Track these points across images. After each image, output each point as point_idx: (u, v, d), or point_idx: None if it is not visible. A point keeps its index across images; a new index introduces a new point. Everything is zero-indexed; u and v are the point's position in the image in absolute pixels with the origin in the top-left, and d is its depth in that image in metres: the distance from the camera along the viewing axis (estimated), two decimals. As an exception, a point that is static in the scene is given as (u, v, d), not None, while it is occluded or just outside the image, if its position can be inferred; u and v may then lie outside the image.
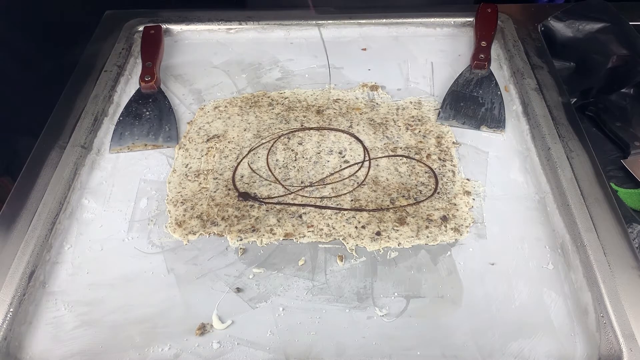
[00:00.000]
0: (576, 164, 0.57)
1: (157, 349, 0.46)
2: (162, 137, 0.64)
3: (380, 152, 0.62)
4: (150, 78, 0.68)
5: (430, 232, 0.54)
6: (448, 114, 0.66)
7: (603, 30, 0.71)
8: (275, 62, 0.76)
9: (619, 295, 0.46)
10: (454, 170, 0.60)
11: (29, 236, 0.52)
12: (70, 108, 0.66)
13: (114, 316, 0.49)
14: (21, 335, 0.47)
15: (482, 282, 0.50)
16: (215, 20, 0.80)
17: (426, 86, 0.71)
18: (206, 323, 0.48)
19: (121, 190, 0.59)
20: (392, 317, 0.48)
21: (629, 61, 0.69)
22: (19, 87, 0.79)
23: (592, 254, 0.49)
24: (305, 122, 0.66)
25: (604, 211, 0.52)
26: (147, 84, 0.68)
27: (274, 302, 0.49)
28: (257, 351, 0.46)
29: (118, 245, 0.54)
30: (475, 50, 0.71)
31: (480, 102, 0.66)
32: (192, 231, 0.55)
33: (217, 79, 0.73)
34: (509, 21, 0.77)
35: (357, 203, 0.57)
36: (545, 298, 0.49)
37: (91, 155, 0.62)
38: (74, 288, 0.51)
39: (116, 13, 0.82)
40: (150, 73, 0.69)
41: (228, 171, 0.61)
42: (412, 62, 0.75)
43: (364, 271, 0.51)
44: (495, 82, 0.68)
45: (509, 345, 0.46)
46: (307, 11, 0.81)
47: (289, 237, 0.54)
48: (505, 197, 0.57)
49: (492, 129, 0.64)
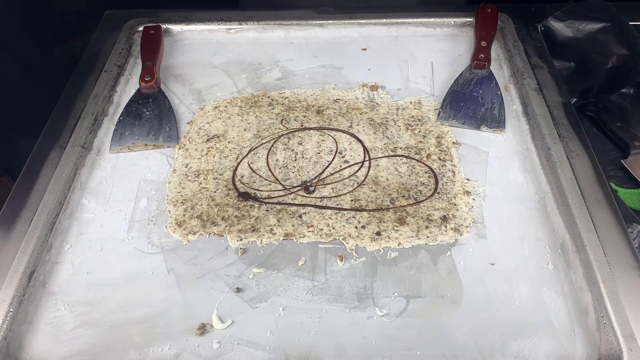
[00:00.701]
0: (576, 164, 0.57)
1: (157, 349, 0.46)
2: (162, 137, 0.64)
3: (380, 152, 0.62)
4: (150, 78, 0.68)
5: (430, 232, 0.54)
6: (448, 114, 0.66)
7: (603, 30, 0.71)
8: (275, 62, 0.76)
9: (619, 295, 0.46)
10: (454, 170, 0.60)
11: (29, 236, 0.52)
12: (70, 108, 0.66)
13: (114, 316, 0.49)
14: (21, 335, 0.47)
15: (482, 282, 0.50)
16: (215, 20, 0.80)
17: (426, 86, 0.71)
18: (206, 323, 0.48)
19: (121, 190, 0.59)
20: (392, 317, 0.48)
21: (629, 61, 0.69)
22: (19, 87, 0.79)
23: (592, 254, 0.49)
24: (305, 122, 0.66)
25: (604, 211, 0.52)
26: (147, 84, 0.68)
27: (274, 302, 0.49)
28: (257, 351, 0.46)
29: (118, 245, 0.54)
30: (475, 50, 0.71)
31: (480, 102, 0.66)
32: (192, 231, 0.55)
33: (217, 79, 0.73)
34: (509, 21, 0.77)
35: (357, 203, 0.57)
36: (545, 298, 0.49)
37: (91, 155, 0.62)
38: (74, 288, 0.51)
39: (116, 13, 0.82)
40: (150, 73, 0.69)
41: (228, 171, 0.61)
42: (412, 62, 0.75)
43: (364, 271, 0.51)
44: (495, 82, 0.68)
45: (509, 345, 0.46)
46: (307, 11, 0.81)
47: (289, 237, 0.54)
48: (505, 197, 0.57)
49: (492, 129, 0.64)
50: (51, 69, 0.81)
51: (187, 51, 0.78)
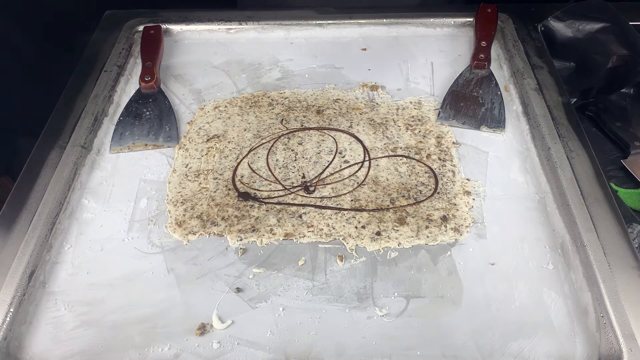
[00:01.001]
0: (576, 164, 0.57)
1: (157, 349, 0.46)
2: (162, 137, 0.64)
3: (380, 152, 0.62)
4: (150, 78, 0.68)
5: (430, 232, 0.54)
6: (448, 114, 0.66)
7: (603, 30, 0.71)
8: (275, 62, 0.76)
9: (619, 295, 0.46)
10: (454, 170, 0.60)
11: (29, 236, 0.52)
12: (70, 108, 0.66)
13: (114, 316, 0.49)
14: (21, 335, 0.47)
15: (482, 282, 0.50)
16: (215, 20, 0.80)
17: (426, 86, 0.71)
18: (206, 323, 0.48)
19: (121, 190, 0.59)
20: (392, 317, 0.48)
21: (629, 61, 0.69)
22: (19, 87, 0.79)
23: (592, 254, 0.49)
24: (305, 122, 0.66)
25: (604, 211, 0.52)
26: (147, 83, 0.68)
27: (274, 302, 0.49)
28: (257, 351, 0.46)
29: (118, 245, 0.54)
30: (475, 50, 0.71)
31: (480, 102, 0.66)
32: (192, 231, 0.55)
33: (217, 79, 0.73)
34: (509, 21, 0.77)
35: (357, 203, 0.57)
36: (545, 298, 0.49)
37: (91, 155, 0.62)
38: (74, 288, 0.51)
39: (116, 13, 0.82)
40: (150, 73, 0.69)
41: (228, 171, 0.61)
42: (412, 62, 0.75)
43: (364, 271, 0.51)
44: (495, 82, 0.68)
45: (509, 345, 0.46)
46: (307, 11, 0.81)
47: (289, 237, 0.54)
48: (505, 197, 0.57)
49: (492, 129, 0.64)
50: (51, 69, 0.81)
51: (187, 51, 0.78)
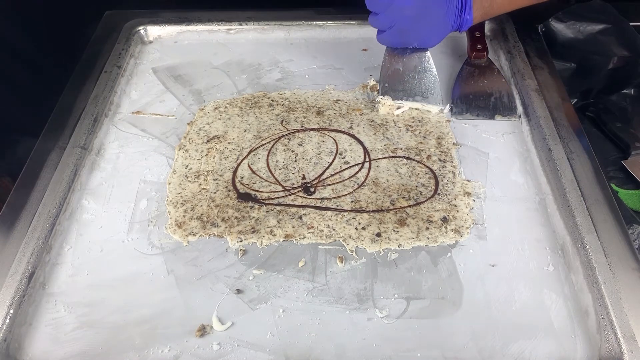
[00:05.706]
0: (577, 165, 0.57)
1: (157, 350, 0.46)
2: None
3: (380, 153, 0.62)
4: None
5: (431, 234, 0.54)
6: (461, 109, 0.66)
7: (604, 31, 0.71)
8: (276, 62, 0.76)
9: (620, 297, 0.46)
10: (454, 171, 0.60)
11: (29, 237, 0.52)
12: (70, 108, 0.66)
13: (113, 317, 0.49)
14: (21, 336, 0.47)
15: (483, 283, 0.50)
16: (215, 20, 0.80)
17: (426, 87, 0.71)
18: (206, 324, 0.48)
19: (121, 191, 0.59)
20: (393, 318, 0.48)
21: (630, 62, 0.69)
22: (19, 87, 0.79)
23: (593, 256, 0.49)
24: (306, 123, 0.66)
25: (604, 212, 0.52)
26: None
27: (274, 303, 0.49)
28: (257, 353, 0.46)
29: (118, 247, 0.54)
30: (470, 42, 0.71)
31: (488, 92, 0.66)
32: (192, 232, 0.55)
33: (217, 80, 0.73)
34: (509, 21, 0.77)
35: (358, 204, 0.57)
36: (545, 299, 0.49)
37: (91, 156, 0.62)
38: (74, 289, 0.51)
39: (116, 13, 0.82)
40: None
41: (228, 172, 0.61)
42: (413, 63, 0.74)
43: (364, 272, 0.51)
44: (497, 70, 0.68)
45: (509, 347, 0.46)
46: (307, 11, 0.81)
47: (289, 238, 0.54)
48: (505, 199, 0.57)
49: (506, 117, 0.64)
50: (51, 69, 0.81)
51: (187, 52, 0.78)
